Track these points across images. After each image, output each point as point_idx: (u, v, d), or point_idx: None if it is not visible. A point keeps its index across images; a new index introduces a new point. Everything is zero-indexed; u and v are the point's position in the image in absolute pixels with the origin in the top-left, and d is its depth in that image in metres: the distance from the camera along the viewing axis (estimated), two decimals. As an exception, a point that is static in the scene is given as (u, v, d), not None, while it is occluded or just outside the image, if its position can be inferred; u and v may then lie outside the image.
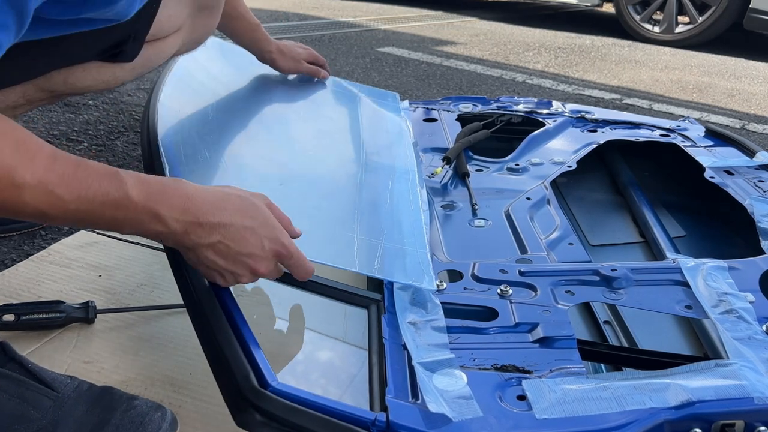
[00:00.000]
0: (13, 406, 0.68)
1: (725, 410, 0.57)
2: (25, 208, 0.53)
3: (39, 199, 0.53)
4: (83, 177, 0.54)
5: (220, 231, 0.60)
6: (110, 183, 0.56)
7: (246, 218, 0.62)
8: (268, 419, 0.52)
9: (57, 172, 0.53)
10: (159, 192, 0.58)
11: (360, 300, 0.76)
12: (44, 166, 0.53)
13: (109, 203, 0.56)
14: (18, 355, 0.72)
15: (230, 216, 0.61)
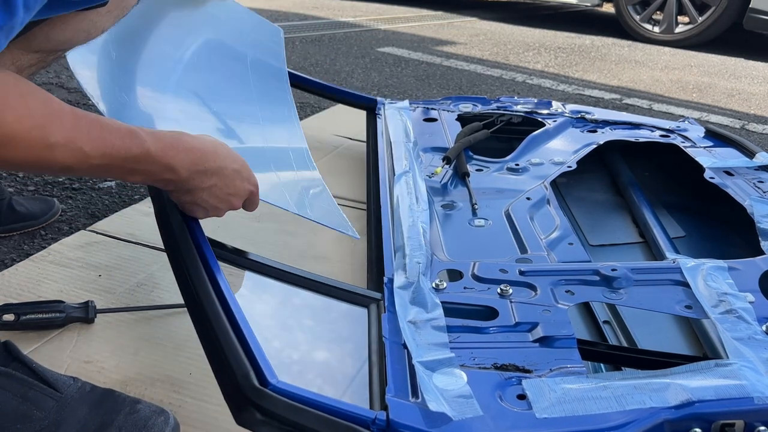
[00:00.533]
0: (16, 405, 0.68)
1: (725, 410, 0.57)
2: (54, 165, 0.58)
3: (67, 156, 0.58)
4: (107, 135, 0.60)
5: (217, 175, 0.70)
6: (132, 140, 0.62)
7: (234, 162, 0.72)
8: (269, 418, 0.52)
9: (83, 131, 0.58)
10: (171, 147, 0.65)
11: (360, 299, 0.76)
12: (71, 125, 0.58)
13: (131, 158, 0.62)
14: (22, 355, 0.72)
15: (223, 161, 0.70)
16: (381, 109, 1.48)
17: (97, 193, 1.40)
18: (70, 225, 1.25)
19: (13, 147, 0.55)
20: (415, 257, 0.81)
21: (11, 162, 0.57)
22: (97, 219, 1.26)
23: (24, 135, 0.55)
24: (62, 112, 0.58)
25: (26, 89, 0.57)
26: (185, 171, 0.67)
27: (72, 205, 1.33)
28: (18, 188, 1.38)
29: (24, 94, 0.56)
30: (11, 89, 0.56)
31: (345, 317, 0.76)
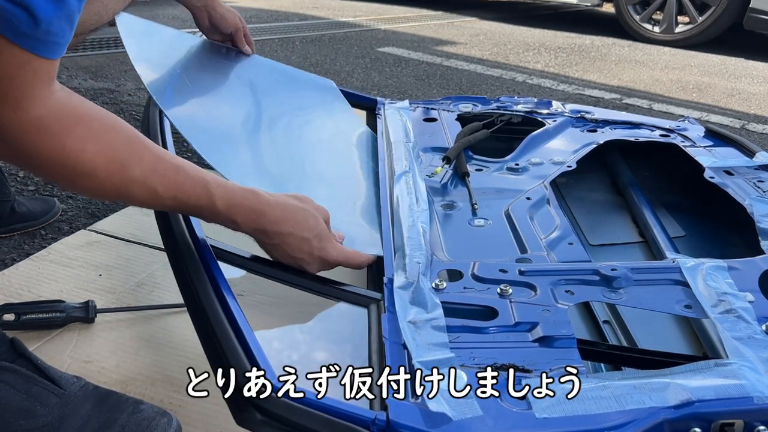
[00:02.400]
0: (20, 401, 0.68)
1: (725, 410, 0.57)
2: (130, 199, 0.63)
3: (143, 193, 0.63)
4: (181, 182, 0.65)
5: (280, 238, 0.74)
6: (202, 192, 0.66)
7: (304, 231, 0.74)
8: (269, 418, 0.52)
9: (160, 174, 0.63)
10: (239, 204, 0.70)
11: (360, 299, 0.76)
12: (150, 166, 0.62)
13: (198, 207, 0.68)
14: (28, 352, 0.73)
15: (291, 227, 0.74)
16: (381, 109, 1.48)
17: (97, 193, 1.40)
18: (70, 225, 1.25)
19: (94, 178, 0.59)
20: (415, 257, 0.81)
21: (92, 191, 0.61)
22: (98, 219, 1.27)
23: (103, 168, 0.59)
24: (144, 151, 0.62)
25: (112, 124, 0.60)
26: (247, 228, 0.72)
27: (72, 204, 1.33)
28: (18, 188, 1.38)
29: (108, 129, 0.60)
30: (97, 123, 0.59)
31: (345, 317, 0.76)
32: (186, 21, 3.53)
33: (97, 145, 0.58)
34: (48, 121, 0.55)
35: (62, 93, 0.57)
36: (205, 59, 1.27)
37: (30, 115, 0.54)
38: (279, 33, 3.52)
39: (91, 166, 0.58)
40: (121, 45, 1.05)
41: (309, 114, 1.27)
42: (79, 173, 0.58)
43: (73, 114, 0.58)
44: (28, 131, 0.55)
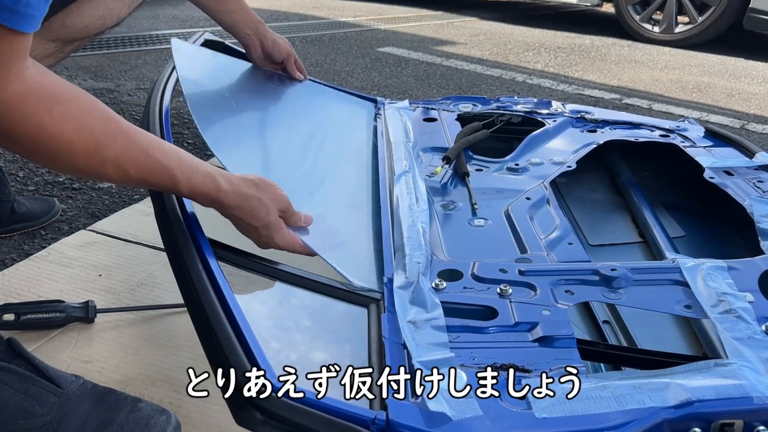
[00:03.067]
0: (18, 401, 0.68)
1: (724, 410, 0.57)
2: (104, 177, 0.66)
3: (115, 173, 0.65)
4: (150, 166, 0.68)
5: (233, 219, 0.79)
6: (167, 178, 0.70)
7: (253, 219, 0.78)
8: (269, 418, 0.52)
9: (132, 157, 0.66)
10: (199, 192, 0.73)
11: (360, 299, 0.76)
12: (123, 148, 0.65)
13: (164, 188, 0.72)
14: (25, 352, 0.73)
15: (241, 213, 0.78)
16: (381, 109, 1.48)
17: (97, 192, 1.40)
18: (70, 225, 1.25)
19: (71, 156, 0.61)
20: (415, 257, 0.81)
21: (70, 168, 0.64)
22: (98, 219, 1.27)
23: (81, 147, 0.61)
24: (119, 132, 0.65)
25: (89, 104, 0.62)
26: (206, 203, 0.76)
27: (72, 204, 1.33)
28: (18, 188, 1.38)
29: (86, 109, 0.62)
30: (74, 103, 0.60)
31: (345, 317, 0.76)
32: (186, 21, 3.53)
33: (75, 125, 0.60)
34: (26, 98, 0.56)
35: (37, 69, 0.58)
36: (253, 84, 1.32)
37: (8, 91, 0.55)
38: (279, 33, 3.52)
39: (68, 146, 0.60)
40: (121, 45, 1.07)
41: (336, 132, 1.31)
42: (58, 151, 0.60)
43: (51, 93, 0.59)
44: (7, 107, 0.55)
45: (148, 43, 2.91)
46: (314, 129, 1.26)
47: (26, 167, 1.49)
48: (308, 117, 1.31)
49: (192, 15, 3.62)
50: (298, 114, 1.29)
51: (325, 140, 1.23)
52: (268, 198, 0.79)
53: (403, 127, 1.32)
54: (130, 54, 2.69)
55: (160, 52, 2.79)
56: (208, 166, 0.75)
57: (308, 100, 1.37)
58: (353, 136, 1.31)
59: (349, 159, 1.20)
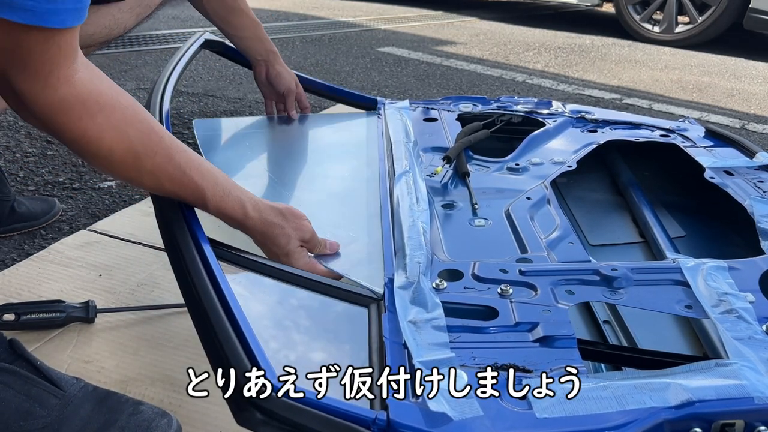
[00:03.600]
0: (19, 402, 0.68)
1: (725, 410, 0.57)
2: (140, 185, 0.71)
3: (151, 182, 0.69)
4: (185, 184, 0.72)
5: (256, 242, 0.83)
6: (198, 198, 0.74)
7: (274, 246, 0.82)
8: (269, 418, 0.52)
9: (168, 172, 0.69)
10: (227, 216, 0.77)
11: (360, 299, 0.76)
12: (161, 163, 0.68)
13: (194, 204, 0.76)
14: (27, 353, 0.73)
15: (264, 239, 0.82)
16: (381, 109, 1.48)
17: (97, 192, 1.40)
18: (70, 225, 1.25)
19: (110, 162, 0.65)
20: (416, 257, 0.81)
21: (107, 171, 0.67)
22: (98, 219, 1.27)
23: (120, 156, 0.64)
24: (158, 146, 0.67)
25: (134, 115, 0.65)
26: (233, 225, 0.80)
27: (72, 204, 1.33)
28: (19, 188, 1.38)
29: (130, 120, 0.65)
30: (119, 113, 0.63)
31: (345, 317, 0.76)
32: (186, 21, 3.53)
33: (115, 136, 0.63)
34: (73, 104, 0.59)
35: (87, 73, 0.60)
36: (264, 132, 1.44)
37: (57, 95, 0.57)
38: (279, 33, 3.52)
39: (108, 153, 0.63)
40: (121, 45, 1.08)
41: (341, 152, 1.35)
42: (97, 155, 0.63)
43: (96, 101, 0.61)
44: (55, 111, 0.58)
45: (148, 43, 2.91)
46: (320, 155, 1.34)
47: (26, 167, 1.48)
48: (314, 145, 1.39)
49: (192, 15, 3.62)
50: (305, 146, 1.38)
51: (331, 162, 1.29)
52: (292, 228, 0.83)
53: (403, 127, 1.32)
54: (130, 54, 2.69)
55: (160, 52, 2.79)
56: (241, 191, 0.79)
57: (312, 131, 1.46)
58: (357, 153, 1.34)
59: (357, 175, 1.23)
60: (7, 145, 1.59)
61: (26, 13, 0.51)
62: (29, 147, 1.59)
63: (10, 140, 1.62)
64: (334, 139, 1.41)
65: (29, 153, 1.56)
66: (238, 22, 1.29)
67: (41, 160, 1.53)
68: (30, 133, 1.67)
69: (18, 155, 1.54)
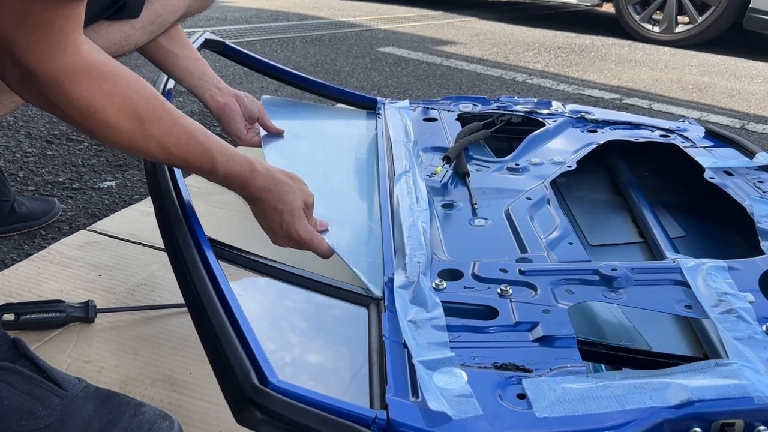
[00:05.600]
0: (22, 401, 0.68)
1: (725, 410, 0.57)
2: (147, 153, 0.69)
3: (157, 149, 0.68)
4: (191, 146, 0.71)
5: (259, 204, 0.82)
6: (207, 159, 0.73)
7: (279, 203, 0.81)
8: (269, 417, 0.52)
9: (174, 135, 0.69)
10: (235, 173, 0.77)
11: (360, 298, 0.76)
12: (167, 127, 0.68)
13: (202, 170, 0.75)
14: (30, 352, 0.72)
15: (269, 196, 0.81)
16: (381, 109, 1.48)
17: (97, 192, 1.40)
18: (70, 225, 1.25)
19: (117, 131, 0.64)
20: (415, 257, 0.81)
21: (112, 142, 0.66)
22: (98, 219, 1.27)
23: (126, 123, 0.64)
24: (162, 111, 0.68)
25: (136, 83, 0.65)
26: (239, 191, 0.79)
27: (72, 204, 1.33)
28: (18, 188, 1.38)
29: (133, 88, 0.65)
30: (123, 81, 0.63)
31: (345, 317, 0.76)
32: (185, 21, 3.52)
33: (121, 102, 0.63)
34: (80, 72, 0.59)
35: (90, 46, 0.61)
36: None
37: (65, 63, 0.58)
38: (279, 33, 3.52)
39: (115, 120, 0.63)
40: None
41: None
42: (104, 125, 0.63)
43: (102, 69, 0.61)
44: (62, 79, 0.58)
45: (148, 43, 2.91)
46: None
47: (26, 167, 1.49)
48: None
49: (192, 15, 3.62)
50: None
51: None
52: (298, 188, 0.84)
53: (403, 126, 1.32)
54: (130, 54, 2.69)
55: (160, 52, 2.78)
56: (246, 155, 0.79)
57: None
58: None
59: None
60: (7, 145, 1.59)
61: None
62: (29, 147, 1.59)
63: (10, 140, 1.62)
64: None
65: (29, 153, 1.56)
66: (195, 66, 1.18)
67: (41, 160, 1.53)
68: (30, 133, 1.67)
69: (18, 155, 1.54)
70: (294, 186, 0.83)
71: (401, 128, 1.31)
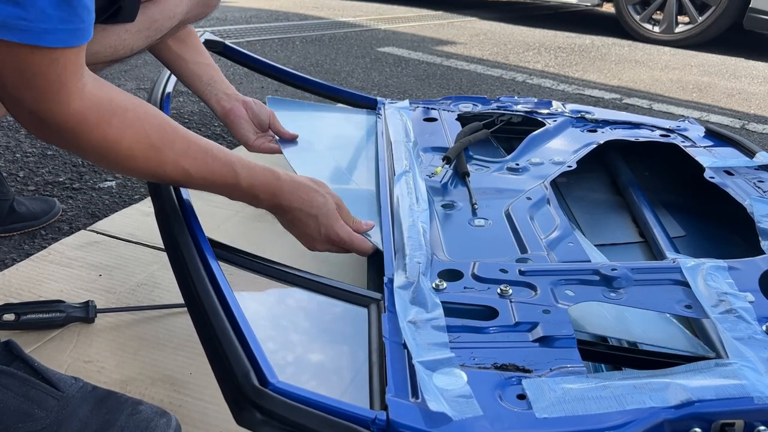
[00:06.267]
0: (18, 404, 0.68)
1: (725, 410, 0.57)
2: (165, 178, 0.71)
3: (176, 172, 0.69)
4: (210, 163, 0.72)
5: (292, 213, 0.81)
6: (228, 172, 0.73)
7: (312, 208, 0.81)
8: (269, 417, 0.52)
9: (191, 156, 0.70)
10: (259, 183, 0.77)
11: (360, 299, 0.76)
12: (182, 150, 0.69)
13: (225, 186, 0.74)
14: (24, 354, 0.72)
15: (301, 203, 0.81)
16: (381, 109, 1.48)
17: (97, 192, 1.40)
18: (70, 225, 1.25)
19: (133, 161, 0.66)
20: (415, 257, 0.81)
21: (131, 172, 0.68)
22: (98, 219, 1.27)
23: (140, 153, 0.66)
24: (175, 135, 0.69)
25: (145, 112, 0.66)
26: (267, 203, 0.79)
27: (72, 204, 1.33)
28: (19, 188, 1.38)
29: (143, 118, 0.66)
30: (131, 113, 0.65)
31: (345, 317, 0.76)
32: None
33: (133, 134, 0.64)
34: (88, 114, 0.60)
35: (95, 84, 0.62)
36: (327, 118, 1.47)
37: (71, 108, 0.59)
38: (279, 33, 3.52)
39: (129, 152, 0.65)
40: None
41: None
42: (120, 157, 0.65)
43: (109, 106, 0.62)
44: (71, 124, 0.60)
45: (148, 43, 2.91)
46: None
47: (26, 167, 1.49)
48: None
49: (192, 15, 3.61)
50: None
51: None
52: (325, 191, 0.84)
53: (403, 127, 1.32)
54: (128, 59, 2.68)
55: (160, 52, 2.78)
56: (265, 164, 0.79)
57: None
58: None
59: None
60: (7, 145, 1.59)
61: (22, 33, 0.52)
62: (29, 147, 1.59)
63: (10, 140, 1.62)
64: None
65: (29, 153, 1.56)
66: (203, 71, 1.17)
67: (41, 160, 1.53)
68: (30, 133, 1.68)
69: (18, 155, 1.54)
70: (321, 190, 0.83)
71: (401, 128, 1.31)
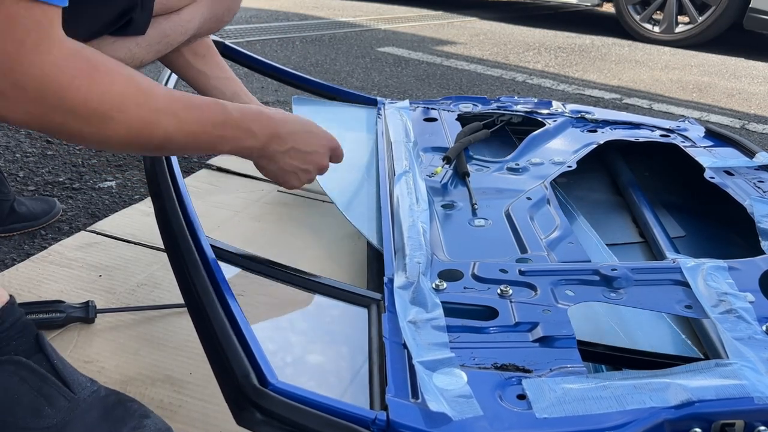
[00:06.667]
0: (31, 399, 0.68)
1: (725, 410, 0.57)
2: (158, 132, 0.64)
3: (169, 122, 0.64)
4: (197, 102, 0.69)
5: (292, 137, 0.80)
6: (217, 107, 0.71)
7: (304, 126, 0.83)
8: (269, 418, 0.52)
9: (177, 99, 0.66)
10: (251, 115, 0.74)
11: (360, 299, 0.76)
12: (167, 95, 0.65)
13: (218, 123, 0.71)
14: (47, 349, 0.72)
15: (298, 126, 0.81)
16: (381, 109, 1.48)
17: (97, 193, 1.40)
18: (70, 225, 1.25)
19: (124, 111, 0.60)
20: (415, 257, 0.81)
21: (126, 129, 0.61)
22: (98, 219, 1.26)
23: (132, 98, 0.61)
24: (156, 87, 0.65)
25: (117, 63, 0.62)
26: (263, 135, 0.76)
27: (72, 205, 1.33)
28: (19, 188, 1.38)
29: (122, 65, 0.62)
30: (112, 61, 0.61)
31: (345, 317, 0.76)
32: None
33: (123, 77, 0.60)
34: (70, 59, 0.56)
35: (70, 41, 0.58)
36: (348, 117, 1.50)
37: (53, 56, 0.55)
38: (279, 33, 3.52)
39: (120, 99, 0.59)
40: None
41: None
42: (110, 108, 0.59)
43: (92, 57, 0.59)
44: (55, 73, 0.55)
45: (148, 43, 2.91)
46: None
47: (26, 167, 1.49)
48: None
49: (192, 15, 3.61)
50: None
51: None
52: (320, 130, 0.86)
53: (403, 127, 1.32)
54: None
55: (160, 52, 2.78)
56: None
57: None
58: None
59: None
60: (7, 145, 1.59)
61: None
62: (29, 147, 1.59)
63: (10, 140, 1.62)
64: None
65: (29, 153, 1.56)
66: (226, 86, 1.19)
67: (41, 160, 1.53)
68: (30, 133, 1.67)
69: (18, 155, 1.54)
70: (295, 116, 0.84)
71: (401, 128, 1.31)
